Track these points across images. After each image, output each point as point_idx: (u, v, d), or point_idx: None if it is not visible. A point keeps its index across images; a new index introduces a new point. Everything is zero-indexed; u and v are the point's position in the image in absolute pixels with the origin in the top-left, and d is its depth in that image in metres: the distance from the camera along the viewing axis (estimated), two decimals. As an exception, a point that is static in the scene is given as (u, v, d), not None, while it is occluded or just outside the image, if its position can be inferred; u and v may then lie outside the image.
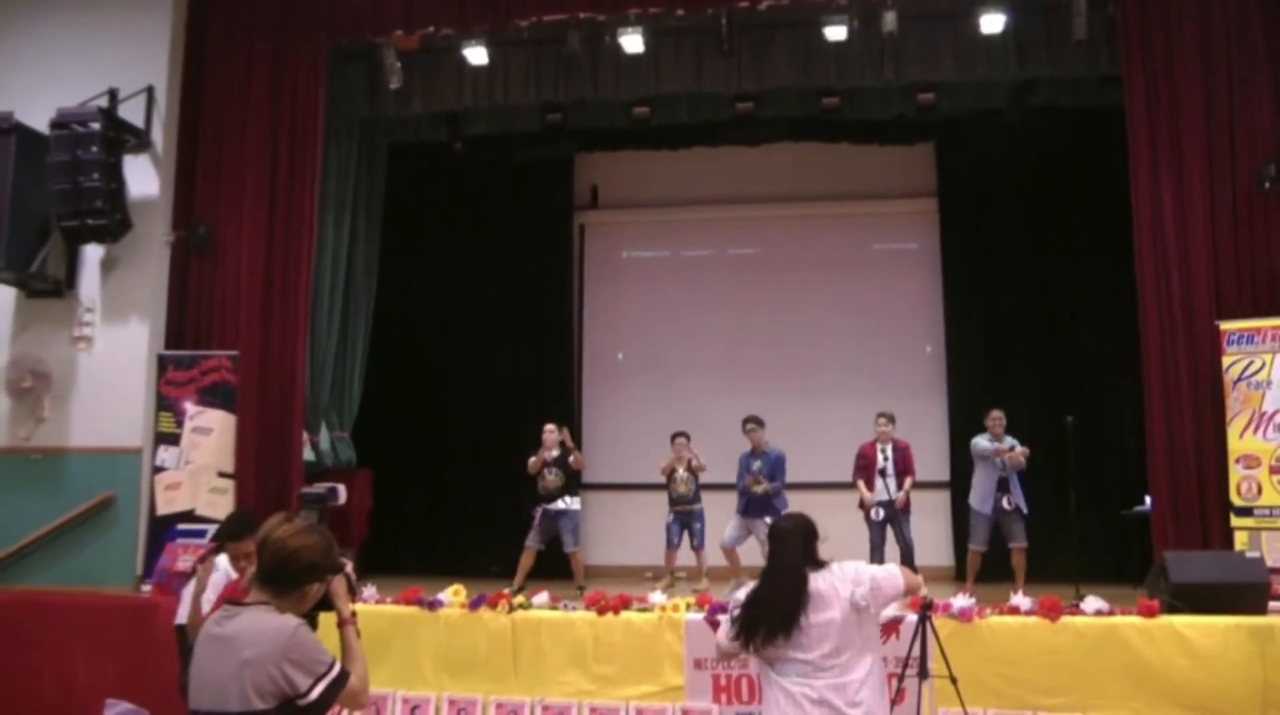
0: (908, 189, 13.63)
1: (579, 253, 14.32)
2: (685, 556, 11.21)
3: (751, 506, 10.61)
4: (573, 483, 10.94)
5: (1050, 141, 12.45)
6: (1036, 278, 12.77)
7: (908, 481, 10.50)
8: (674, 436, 11.23)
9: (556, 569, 10.90)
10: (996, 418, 10.35)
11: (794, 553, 4.48)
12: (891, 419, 10.71)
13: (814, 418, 13.09)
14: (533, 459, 10.81)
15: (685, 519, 11.10)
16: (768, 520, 9.99)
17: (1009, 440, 10.26)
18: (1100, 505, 10.92)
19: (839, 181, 13.68)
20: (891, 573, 4.52)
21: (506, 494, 12.19)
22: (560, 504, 10.74)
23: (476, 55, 10.92)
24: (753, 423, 10.84)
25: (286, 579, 3.28)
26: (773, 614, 4.34)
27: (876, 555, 10.42)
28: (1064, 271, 12.70)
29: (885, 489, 10.45)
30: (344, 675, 3.26)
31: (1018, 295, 12.82)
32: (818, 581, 4.41)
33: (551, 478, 10.79)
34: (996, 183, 13.02)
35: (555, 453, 10.86)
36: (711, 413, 12.47)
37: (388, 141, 12.66)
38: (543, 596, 8.43)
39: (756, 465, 10.69)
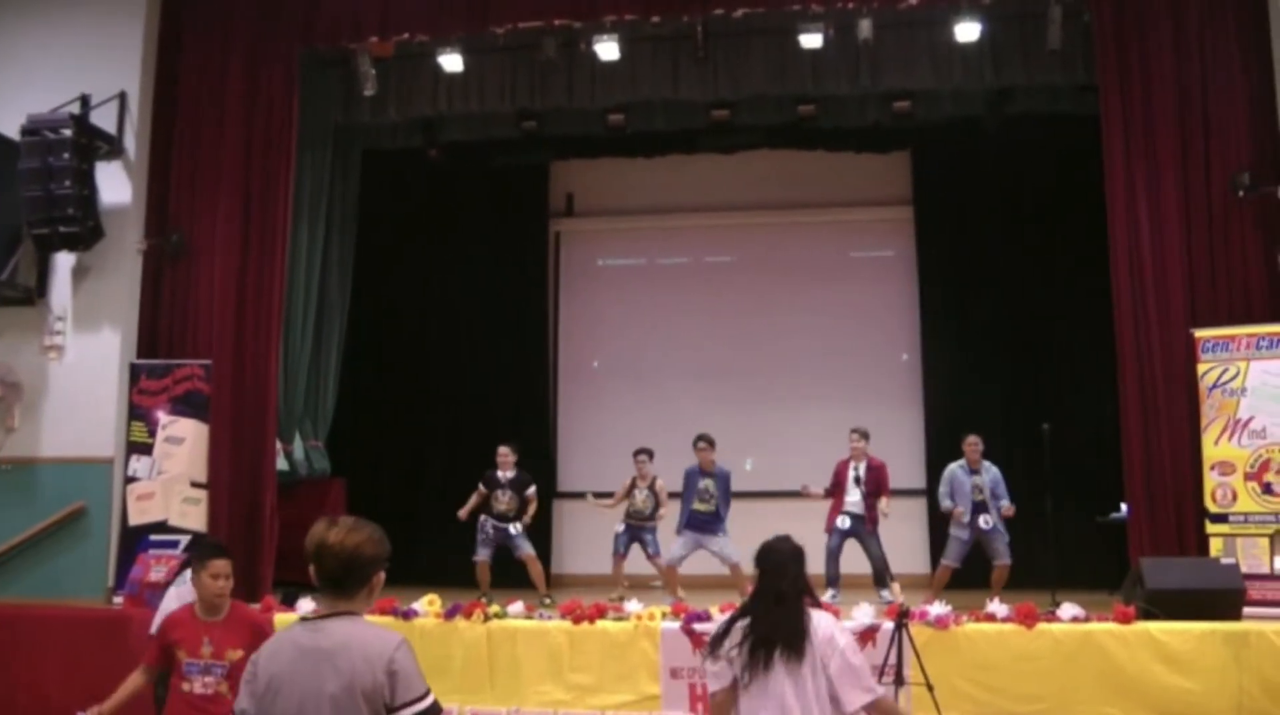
0: (884, 197, 13.68)
1: (554, 260, 14.35)
2: (648, 566, 11.16)
3: (696, 522, 10.56)
4: (523, 511, 11.01)
5: (1026, 149, 12.53)
6: (1012, 285, 12.80)
7: (884, 501, 10.46)
8: (636, 453, 11.15)
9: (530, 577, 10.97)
10: (973, 443, 10.31)
11: (792, 584, 4.33)
12: (865, 435, 10.64)
13: (790, 425, 13.18)
14: (468, 506, 10.95)
15: (636, 532, 11.01)
16: (720, 535, 10.32)
17: (988, 473, 10.25)
18: (1076, 512, 11.00)
19: (815, 189, 13.72)
20: (862, 667, 4.26)
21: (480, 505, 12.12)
22: (510, 527, 10.88)
23: (452, 62, 10.87)
24: (704, 442, 10.75)
25: (354, 578, 3.29)
26: (784, 635, 4.20)
27: (831, 563, 10.41)
28: (1040, 279, 12.73)
29: (855, 502, 10.44)
30: (437, 707, 3.24)
31: (994, 302, 12.86)
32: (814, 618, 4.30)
33: (505, 501, 10.86)
34: (972, 190, 13.07)
35: (510, 474, 10.94)
36: (687, 420, 12.26)
37: (362, 148, 12.59)
38: (517, 606, 8.42)
39: (704, 483, 10.61)
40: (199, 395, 10.06)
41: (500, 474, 10.90)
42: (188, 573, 7.52)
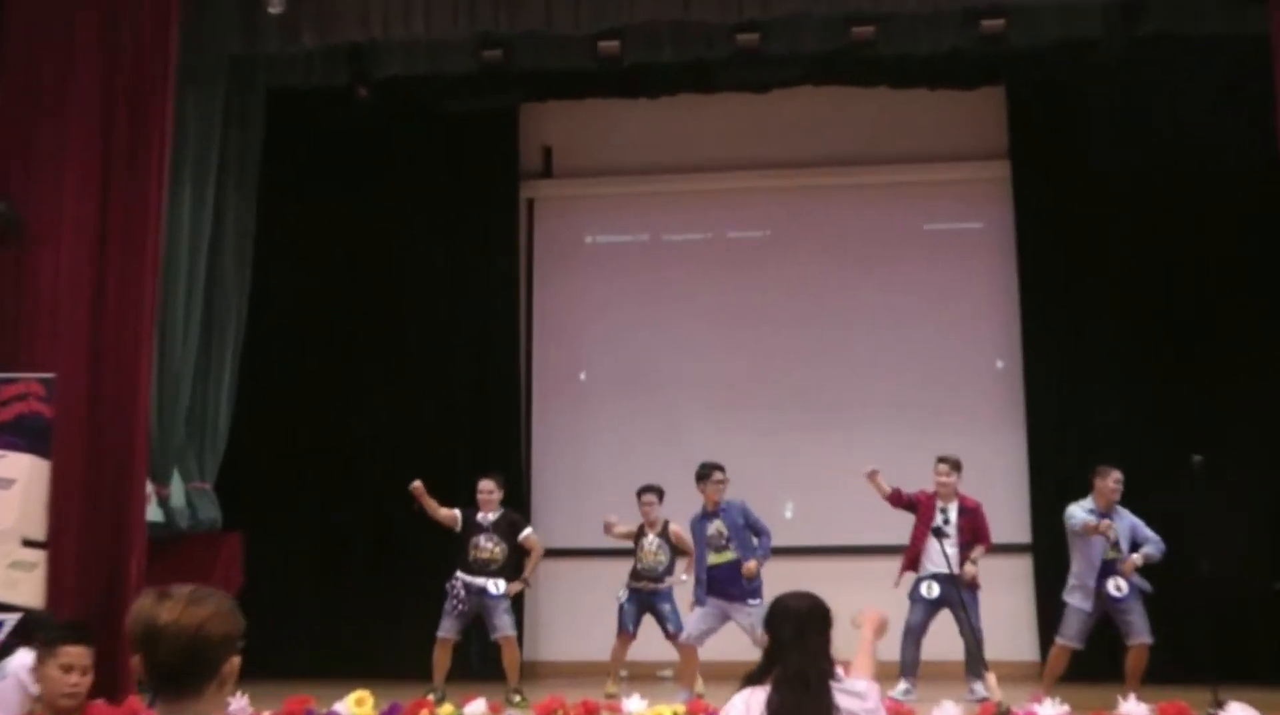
0: (969, 149, 13.61)
1: (527, 236, 14.29)
2: (650, 648, 11.12)
3: (718, 583, 10.33)
4: (512, 564, 10.87)
5: (1163, 83, 12.17)
6: (1147, 267, 12.61)
7: (978, 550, 10.29)
8: (640, 492, 11.11)
9: (494, 665, 10.87)
10: (1117, 480, 10.10)
11: (814, 661, 4.40)
12: (956, 466, 10.55)
13: (842, 458, 12.50)
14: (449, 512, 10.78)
15: (648, 599, 10.98)
16: (750, 602, 10.10)
17: (1120, 520, 10.08)
18: (1243, 575, 10.87)
19: (876, 140, 13.66)
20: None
21: (429, 565, 11.87)
22: (489, 585, 10.66)
23: (388, -30, 10.78)
24: (719, 472, 10.60)
25: (201, 669, 3.09)
26: None
27: (910, 647, 10.27)
28: (1187, 259, 12.52)
29: (943, 558, 10.08)
30: None
31: (1122, 291, 12.65)
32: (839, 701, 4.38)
33: (489, 548, 10.72)
34: (1090, 139, 12.79)
35: (493, 515, 10.85)
36: (704, 451, 11.88)
37: (268, 88, 12.44)
38: (478, 705, 8.55)
39: (712, 527, 10.45)
40: (37, 421, 9.71)
41: (481, 515, 10.82)
42: (15, 659, 7.09)
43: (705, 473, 10.56)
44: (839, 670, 4.48)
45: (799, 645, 4.39)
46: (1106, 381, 12.56)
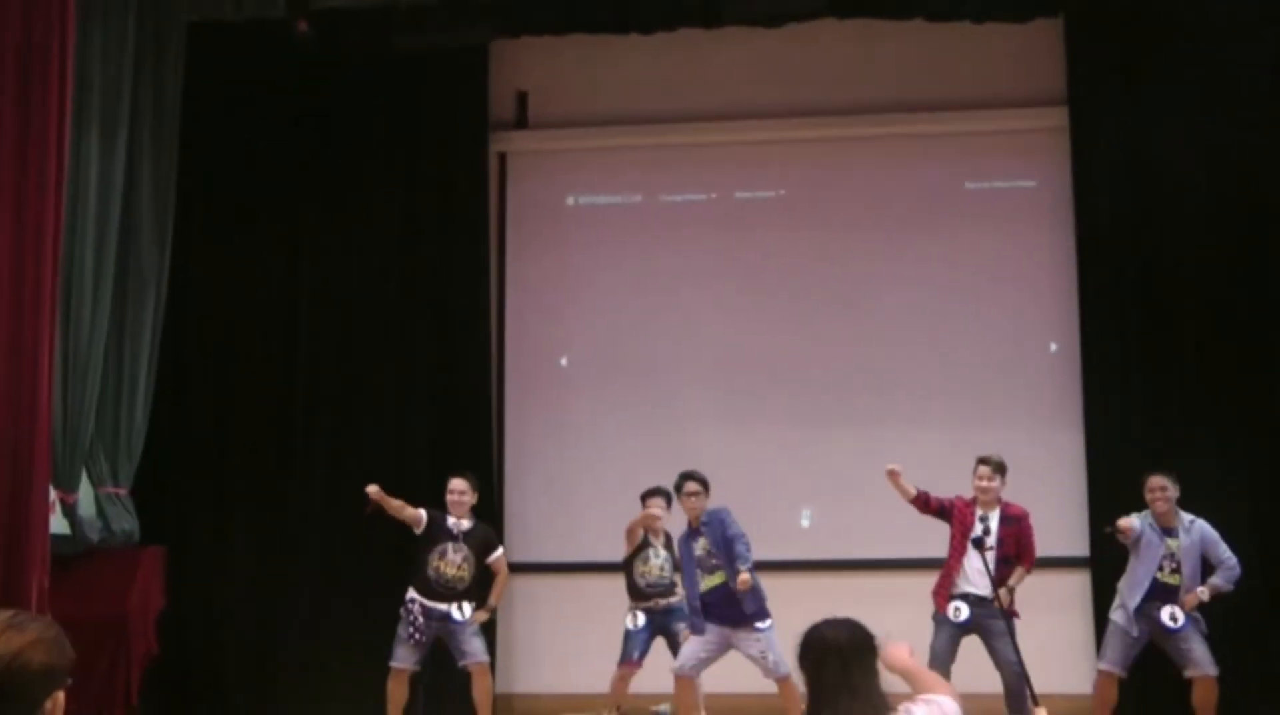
0: (1021, 94, 13.25)
1: (498, 197, 13.94)
2: (652, 679, 10.84)
3: (716, 607, 10.21)
4: (480, 585, 10.79)
5: (1263, 11, 11.71)
6: (1233, 236, 12.17)
7: (1017, 573, 10.08)
8: (646, 495, 11.01)
9: (458, 701, 10.95)
10: (1159, 489, 10.03)
11: (862, 700, 4.09)
12: (1000, 469, 10.27)
13: (868, 459, 12.10)
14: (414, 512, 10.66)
15: (661, 620, 10.87)
16: (760, 626, 10.10)
17: (1189, 533, 9.96)
18: None
19: (909, 83, 13.29)
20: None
21: (387, 583, 11.71)
22: (453, 610, 10.57)
23: (325, -123, 10.52)
24: (696, 483, 10.55)
25: (18, 706, 3.13)
26: None
27: (938, 673, 9.87)
28: None
29: (981, 576, 9.88)
30: None
31: (1200, 262, 12.26)
32: None
33: (457, 561, 10.56)
34: (1166, 82, 12.45)
35: (467, 523, 10.71)
36: (705, 449, 12.15)
37: (188, 20, 12.07)
38: None
39: (700, 546, 10.36)
40: (-89, 416, 9.49)
41: (451, 520, 10.66)
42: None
43: (677, 485, 10.58)
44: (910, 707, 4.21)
45: (844, 687, 4.10)
46: (1181, 369, 12.27)
